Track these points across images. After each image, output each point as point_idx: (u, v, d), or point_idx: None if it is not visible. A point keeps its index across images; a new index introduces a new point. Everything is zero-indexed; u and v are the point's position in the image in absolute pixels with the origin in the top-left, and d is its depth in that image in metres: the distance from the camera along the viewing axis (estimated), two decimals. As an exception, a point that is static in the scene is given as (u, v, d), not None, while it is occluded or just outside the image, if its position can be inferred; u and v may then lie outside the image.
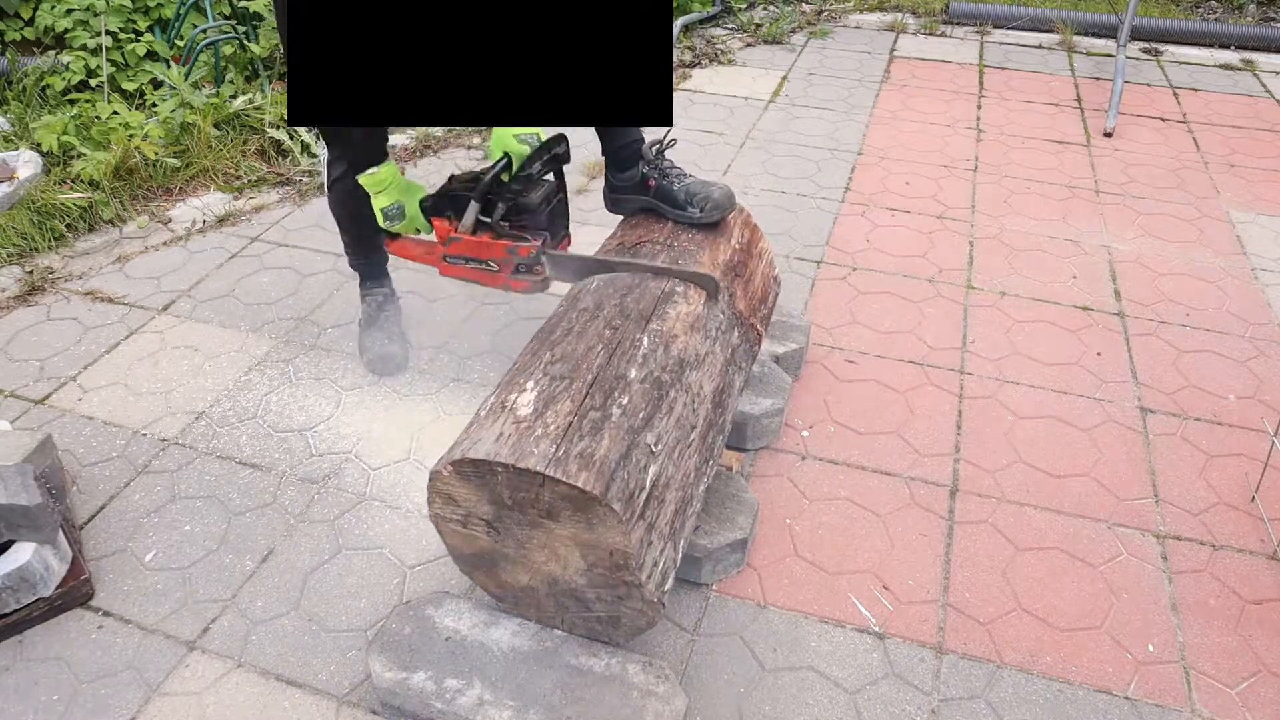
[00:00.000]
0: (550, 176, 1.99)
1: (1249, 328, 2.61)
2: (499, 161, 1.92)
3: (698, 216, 2.01)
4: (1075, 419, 2.24)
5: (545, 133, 1.95)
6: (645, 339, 1.64)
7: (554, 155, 1.94)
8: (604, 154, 2.11)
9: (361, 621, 1.71)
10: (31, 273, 2.66)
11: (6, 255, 2.71)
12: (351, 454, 2.08)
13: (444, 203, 1.99)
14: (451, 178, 2.01)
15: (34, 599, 1.65)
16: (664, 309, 1.73)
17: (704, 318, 1.78)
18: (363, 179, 1.97)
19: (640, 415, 1.49)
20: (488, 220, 1.94)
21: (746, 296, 1.97)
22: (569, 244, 2.06)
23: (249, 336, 2.46)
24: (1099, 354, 2.48)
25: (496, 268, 1.99)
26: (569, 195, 2.07)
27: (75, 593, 1.70)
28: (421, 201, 2.04)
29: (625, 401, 1.50)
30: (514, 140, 1.92)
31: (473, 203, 1.92)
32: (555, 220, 1.98)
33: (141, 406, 2.20)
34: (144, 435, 2.12)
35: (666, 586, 1.50)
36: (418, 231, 2.09)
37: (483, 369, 2.35)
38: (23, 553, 1.63)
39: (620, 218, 2.19)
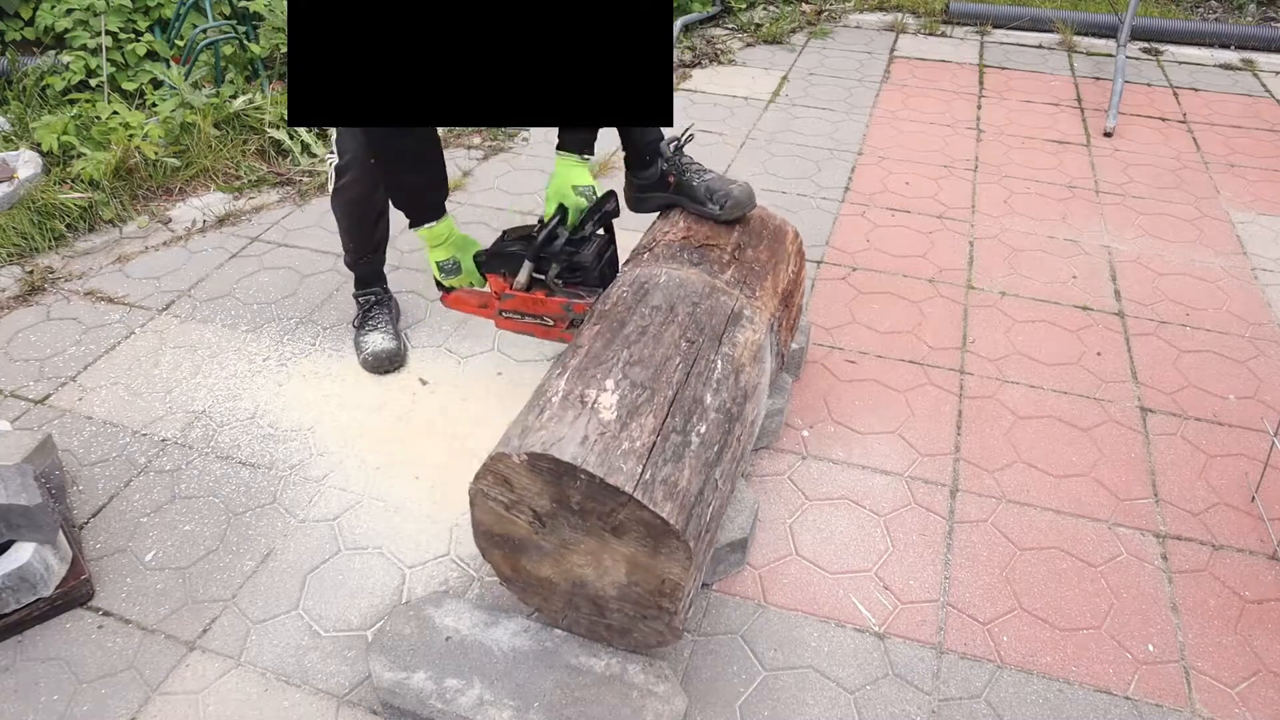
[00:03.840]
0: (601, 231, 2.01)
1: (1249, 328, 2.61)
2: (553, 216, 1.94)
3: (717, 213, 2.00)
4: (1075, 419, 2.24)
5: (601, 186, 1.99)
6: (719, 363, 1.63)
7: (605, 212, 1.97)
8: (624, 153, 2.11)
9: (361, 621, 1.71)
10: (31, 273, 2.66)
11: (6, 255, 2.71)
12: (351, 453, 2.08)
13: (497, 260, 2.01)
14: (504, 234, 2.04)
15: (34, 599, 1.65)
16: (734, 332, 1.72)
17: (763, 347, 1.78)
18: (421, 232, 1.97)
19: (714, 449, 1.49)
20: (541, 278, 1.95)
21: (786, 326, 1.99)
22: None
23: (249, 336, 2.46)
24: (1099, 354, 2.48)
25: (551, 322, 2.01)
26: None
27: (75, 593, 1.70)
28: (476, 256, 2.06)
29: (703, 430, 1.49)
30: (572, 192, 1.95)
31: (526, 262, 1.95)
32: (607, 274, 1.99)
33: (141, 406, 2.20)
34: (144, 435, 2.12)
35: (690, 613, 1.50)
36: (471, 285, 2.11)
37: (483, 367, 2.35)
38: (23, 553, 1.63)
39: (650, 215, 2.19)
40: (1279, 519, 1.97)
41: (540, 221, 2.02)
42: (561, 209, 1.97)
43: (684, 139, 2.09)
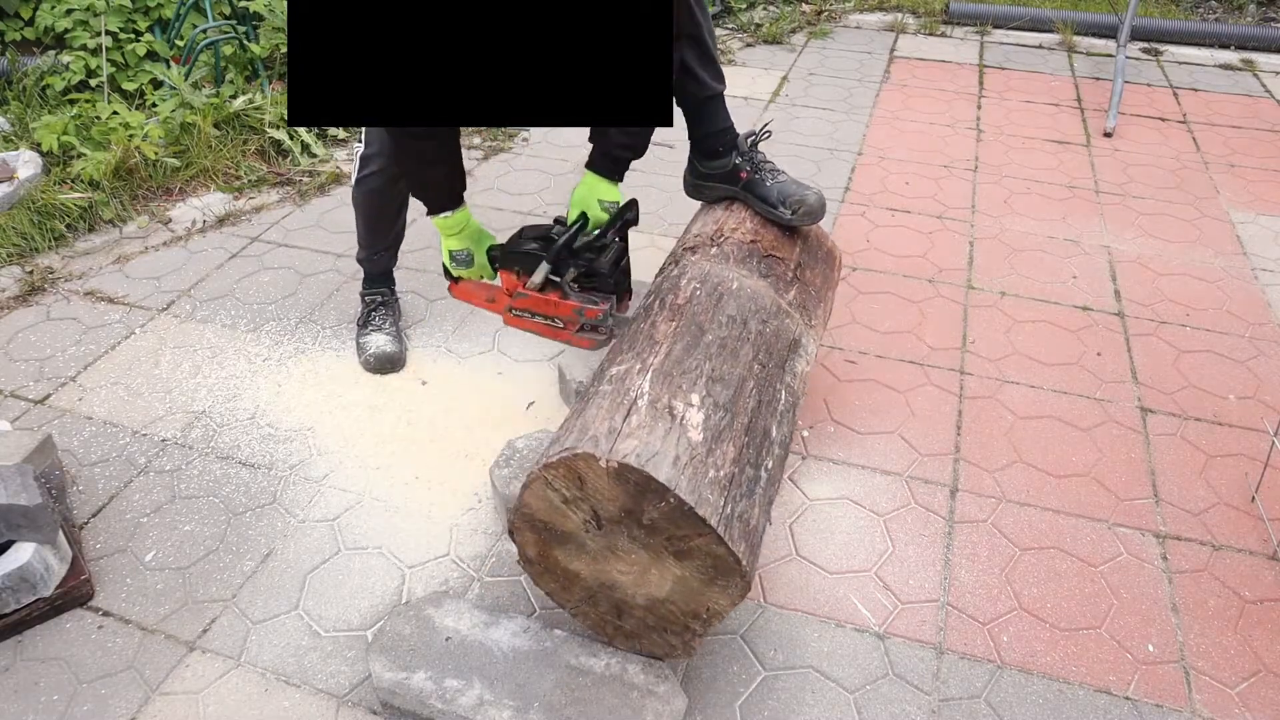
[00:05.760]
0: (619, 239, 2.00)
1: (1249, 328, 2.61)
2: (575, 224, 1.94)
3: (788, 218, 1.98)
4: (1075, 419, 2.24)
5: (625, 198, 1.98)
6: (783, 394, 1.63)
7: (625, 220, 1.97)
8: (690, 140, 2.09)
9: (361, 621, 1.71)
10: (31, 273, 2.66)
11: (6, 255, 2.71)
12: (351, 453, 2.08)
13: (513, 258, 2.00)
14: (522, 230, 2.03)
15: (34, 599, 1.65)
16: (794, 361, 1.73)
17: (810, 377, 1.78)
18: (436, 221, 1.97)
19: (775, 486, 1.50)
20: (557, 280, 1.95)
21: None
22: (630, 300, 2.07)
23: (249, 336, 2.46)
24: (1099, 354, 2.48)
25: (562, 324, 2.01)
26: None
27: (75, 593, 1.70)
28: (489, 250, 2.05)
29: (770, 466, 1.49)
30: (597, 205, 1.94)
31: (544, 263, 1.94)
32: (621, 281, 1.99)
33: (141, 406, 2.20)
34: (144, 435, 2.12)
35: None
36: (481, 278, 2.11)
37: (483, 367, 2.35)
38: (23, 553, 1.63)
39: (699, 204, 2.19)
40: (1279, 519, 1.97)
41: (557, 222, 2.01)
42: (584, 216, 1.97)
43: (761, 135, 2.06)
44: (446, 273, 2.13)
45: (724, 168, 2.05)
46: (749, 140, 2.04)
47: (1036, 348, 2.49)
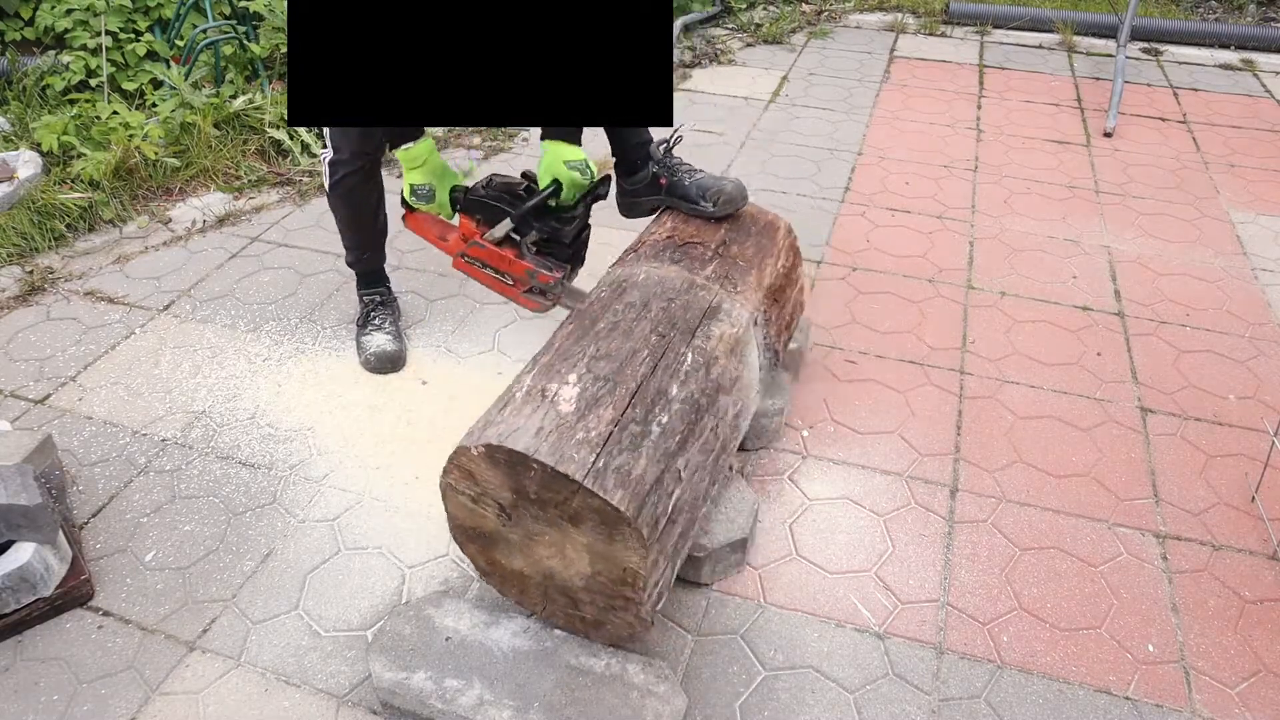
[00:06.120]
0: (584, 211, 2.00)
1: (1249, 328, 2.61)
2: (547, 188, 1.92)
3: (710, 210, 2.01)
4: (1075, 419, 2.24)
5: (594, 160, 1.96)
6: (690, 355, 1.63)
7: (597, 195, 1.97)
8: (614, 157, 2.11)
9: (361, 621, 1.71)
10: (31, 273, 2.66)
11: (6, 255, 2.71)
12: (351, 453, 2.08)
13: (476, 205, 1.99)
14: (491, 179, 2.01)
15: (34, 599, 1.65)
16: (709, 325, 1.73)
17: (743, 341, 1.78)
18: (399, 153, 1.97)
19: (676, 438, 1.50)
20: (516, 239, 1.94)
21: (778, 322, 1.99)
22: (580, 270, 2.08)
23: (249, 336, 2.46)
24: (1099, 354, 2.48)
25: (511, 281, 2.00)
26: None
27: (75, 593, 1.70)
28: (452, 190, 2.04)
29: (665, 420, 1.49)
30: (564, 167, 1.91)
31: (508, 220, 1.93)
32: (578, 253, 1.99)
33: (141, 406, 2.20)
34: (144, 435, 2.12)
35: (659, 605, 1.51)
36: (439, 215, 2.11)
37: (483, 367, 2.35)
38: (23, 553, 1.63)
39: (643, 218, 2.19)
40: (1279, 519, 1.97)
41: (525, 177, 1.99)
42: (556, 184, 1.94)
43: (673, 140, 2.08)
44: (403, 202, 2.13)
45: (644, 179, 2.09)
46: (661, 147, 2.07)
47: (1036, 348, 2.49)
